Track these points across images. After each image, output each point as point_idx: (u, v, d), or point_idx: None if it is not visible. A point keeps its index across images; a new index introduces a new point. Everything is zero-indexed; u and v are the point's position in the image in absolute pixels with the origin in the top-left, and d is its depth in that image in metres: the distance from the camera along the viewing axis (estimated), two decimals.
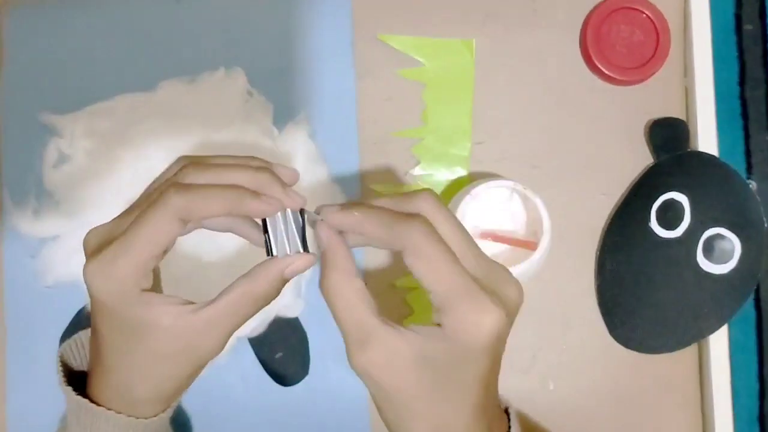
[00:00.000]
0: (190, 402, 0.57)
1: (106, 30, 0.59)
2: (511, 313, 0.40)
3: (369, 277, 0.58)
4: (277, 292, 0.42)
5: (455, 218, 0.41)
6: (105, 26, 0.59)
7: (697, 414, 0.58)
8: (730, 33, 0.62)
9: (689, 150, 0.58)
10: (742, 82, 0.61)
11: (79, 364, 0.49)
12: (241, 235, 0.46)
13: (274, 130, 0.58)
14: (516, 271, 0.50)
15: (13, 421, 0.57)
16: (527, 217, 0.56)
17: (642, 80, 0.59)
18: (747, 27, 0.62)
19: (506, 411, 0.44)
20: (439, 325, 0.39)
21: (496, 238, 0.56)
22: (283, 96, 0.58)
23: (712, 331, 0.57)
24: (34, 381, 0.57)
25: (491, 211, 0.56)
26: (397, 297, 0.58)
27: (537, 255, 0.53)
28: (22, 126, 0.58)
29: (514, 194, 0.56)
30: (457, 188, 0.57)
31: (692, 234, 0.57)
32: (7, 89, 0.59)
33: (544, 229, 0.53)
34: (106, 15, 0.59)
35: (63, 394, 0.47)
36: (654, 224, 0.57)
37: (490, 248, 0.55)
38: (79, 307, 0.57)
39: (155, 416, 0.45)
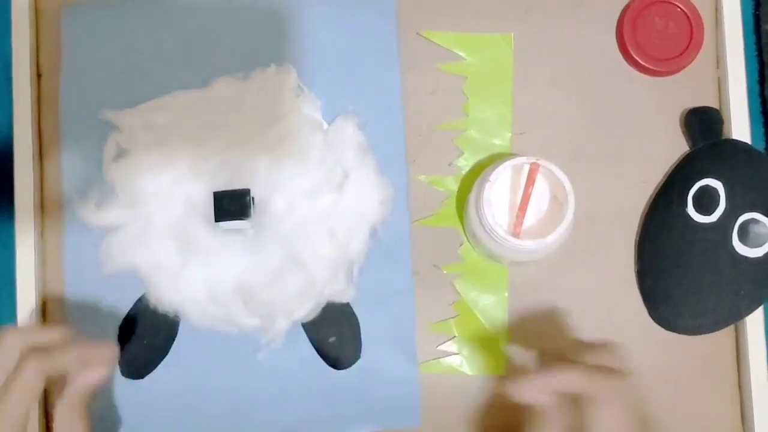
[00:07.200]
0: (246, 383, 0.59)
1: (160, 29, 0.61)
2: None
3: (418, 264, 0.60)
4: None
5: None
6: (159, 26, 0.61)
7: (734, 392, 0.60)
8: (750, 33, 0.64)
9: (724, 138, 0.60)
10: (761, 81, 0.64)
11: None
12: None
13: (324, 123, 0.60)
14: (553, 237, 0.52)
15: None
16: (550, 191, 0.56)
17: (676, 71, 0.61)
18: (765, 27, 0.64)
19: None
20: None
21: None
22: (331, 91, 0.60)
23: (749, 313, 0.59)
24: None
25: (515, 190, 0.56)
26: (445, 281, 0.60)
27: (569, 215, 0.53)
28: (82, 121, 0.60)
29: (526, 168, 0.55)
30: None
31: (727, 219, 0.59)
32: (66, 86, 0.60)
33: (567, 191, 0.53)
34: (161, 15, 0.61)
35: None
36: (691, 210, 0.59)
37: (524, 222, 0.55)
38: (139, 294, 0.59)
39: None
